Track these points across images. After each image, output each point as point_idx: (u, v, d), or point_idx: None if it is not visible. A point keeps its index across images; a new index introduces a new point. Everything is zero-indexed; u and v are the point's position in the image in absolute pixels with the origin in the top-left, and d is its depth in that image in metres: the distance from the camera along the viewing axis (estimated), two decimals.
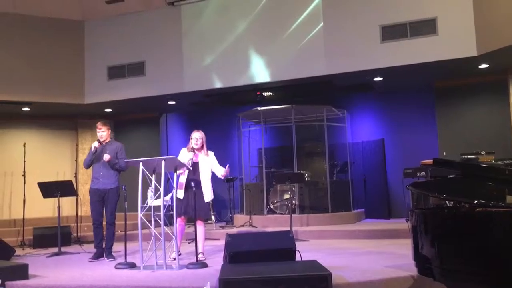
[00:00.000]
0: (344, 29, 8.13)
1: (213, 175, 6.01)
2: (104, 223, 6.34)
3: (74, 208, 9.12)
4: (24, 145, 9.25)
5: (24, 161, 9.17)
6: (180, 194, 5.78)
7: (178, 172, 5.67)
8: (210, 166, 5.91)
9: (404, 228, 6.22)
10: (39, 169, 9.68)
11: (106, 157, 6.15)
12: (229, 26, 8.81)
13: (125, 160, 5.95)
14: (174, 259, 5.37)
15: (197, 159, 5.87)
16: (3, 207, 9.70)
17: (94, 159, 6.31)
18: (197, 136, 5.89)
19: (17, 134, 10.20)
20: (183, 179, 5.81)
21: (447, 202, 4.59)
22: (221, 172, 5.91)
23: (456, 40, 7.44)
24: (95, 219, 6.31)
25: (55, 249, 7.26)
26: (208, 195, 5.81)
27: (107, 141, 6.37)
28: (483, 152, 7.44)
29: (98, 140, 6.33)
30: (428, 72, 8.27)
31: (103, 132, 6.33)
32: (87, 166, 6.43)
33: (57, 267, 5.76)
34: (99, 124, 6.38)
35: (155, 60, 9.21)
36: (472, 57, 7.40)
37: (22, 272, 4.83)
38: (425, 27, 7.62)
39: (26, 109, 9.56)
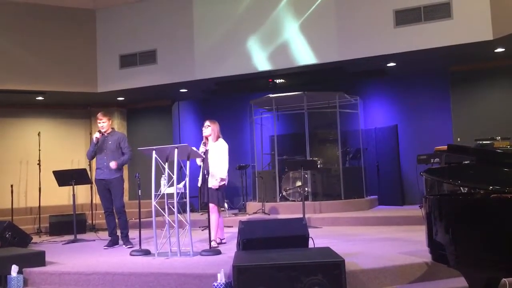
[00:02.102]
0: (357, 14, 8.01)
1: (230, 163, 6.02)
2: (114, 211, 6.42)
3: (89, 196, 9.23)
4: (39, 134, 9.38)
5: (39, 150, 9.29)
6: (200, 182, 5.87)
7: (198, 163, 5.86)
8: (218, 153, 5.87)
9: (418, 214, 6.20)
10: (53, 158, 9.79)
11: (113, 164, 6.18)
12: (240, 13, 8.73)
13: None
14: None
15: (208, 146, 5.92)
16: (19, 195, 9.83)
17: (96, 150, 6.35)
18: (205, 124, 5.95)
19: (31, 123, 10.30)
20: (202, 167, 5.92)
21: (461, 188, 4.55)
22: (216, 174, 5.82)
23: (471, 23, 7.29)
24: (105, 207, 6.39)
25: (71, 237, 7.38)
26: (212, 180, 5.77)
27: (108, 131, 6.41)
28: (498, 138, 7.32)
29: (99, 131, 6.37)
30: (443, 57, 8.14)
31: (103, 123, 6.35)
32: (91, 157, 6.48)
33: (73, 254, 5.86)
34: (99, 115, 6.40)
35: (166, 48, 9.18)
36: (487, 41, 7.25)
37: (39, 259, 4.92)
38: (440, 11, 7.48)
39: (40, 98, 9.63)
